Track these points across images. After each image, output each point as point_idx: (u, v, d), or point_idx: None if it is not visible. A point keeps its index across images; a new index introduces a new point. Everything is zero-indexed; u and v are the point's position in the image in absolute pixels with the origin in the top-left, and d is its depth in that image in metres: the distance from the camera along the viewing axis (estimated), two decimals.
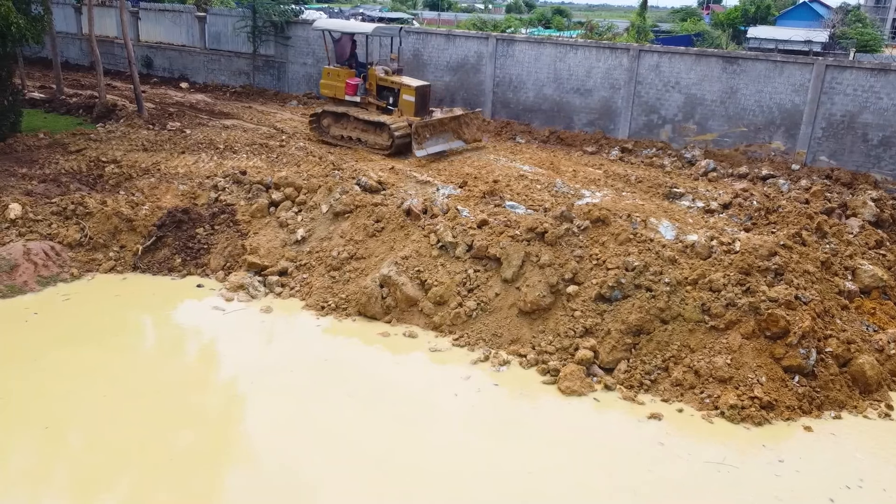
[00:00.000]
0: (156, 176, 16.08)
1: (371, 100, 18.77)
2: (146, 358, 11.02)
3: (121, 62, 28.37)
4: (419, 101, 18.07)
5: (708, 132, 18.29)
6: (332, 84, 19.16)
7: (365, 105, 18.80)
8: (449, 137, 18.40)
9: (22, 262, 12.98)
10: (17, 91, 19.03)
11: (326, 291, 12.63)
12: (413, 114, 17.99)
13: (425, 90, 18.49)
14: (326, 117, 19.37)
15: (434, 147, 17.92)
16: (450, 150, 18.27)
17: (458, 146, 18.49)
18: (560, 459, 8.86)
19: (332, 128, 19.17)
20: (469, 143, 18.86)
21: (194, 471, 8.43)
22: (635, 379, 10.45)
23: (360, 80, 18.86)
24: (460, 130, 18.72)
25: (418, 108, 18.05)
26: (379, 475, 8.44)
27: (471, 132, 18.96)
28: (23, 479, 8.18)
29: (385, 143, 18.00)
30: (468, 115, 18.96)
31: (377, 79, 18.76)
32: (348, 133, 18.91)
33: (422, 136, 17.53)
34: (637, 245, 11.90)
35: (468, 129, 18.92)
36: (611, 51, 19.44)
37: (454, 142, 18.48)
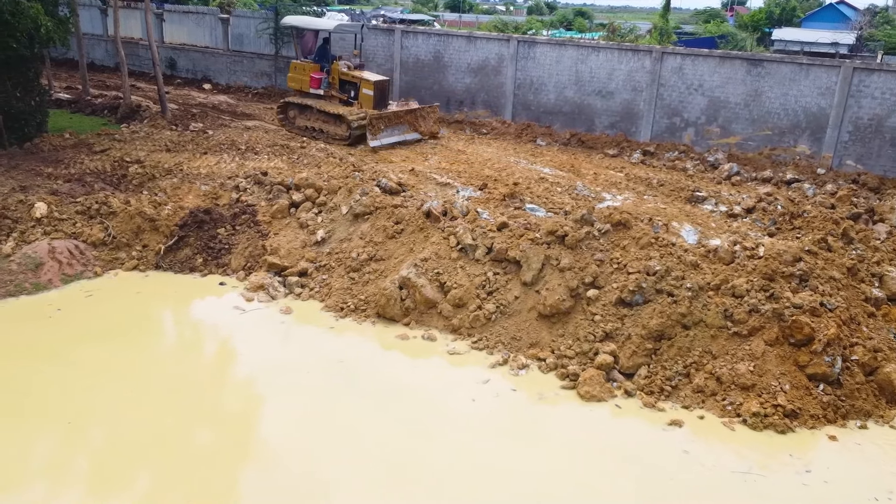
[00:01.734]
0: (178, 176, 16.21)
1: (334, 93, 19.81)
2: (166, 355, 11.11)
3: (145, 63, 28.69)
4: (378, 94, 19.01)
5: (731, 135, 18.07)
6: (298, 77, 20.16)
7: (328, 98, 19.82)
8: (405, 129, 19.33)
9: (47, 260, 13.16)
10: (43, 92, 19.29)
11: (346, 293, 12.65)
12: (372, 107, 18.92)
13: (384, 84, 19.43)
14: (292, 109, 20.46)
15: (388, 138, 18.85)
16: (404, 141, 19.22)
17: (413, 138, 19.38)
18: (580, 465, 8.79)
19: (298, 119, 20.28)
20: (425, 135, 19.74)
21: (212, 468, 8.47)
22: (656, 385, 10.33)
23: (324, 74, 19.88)
24: (416, 123, 19.62)
25: (377, 102, 19.03)
26: (396, 477, 8.43)
27: (427, 125, 19.81)
28: (45, 473, 8.28)
29: (344, 134, 18.96)
30: (424, 109, 19.87)
31: (339, 73, 19.71)
32: (311, 124, 19.81)
33: (376, 127, 18.51)
34: (659, 249, 11.78)
35: (424, 122, 19.78)
36: (633, 53, 19.29)
37: (409, 134, 19.40)
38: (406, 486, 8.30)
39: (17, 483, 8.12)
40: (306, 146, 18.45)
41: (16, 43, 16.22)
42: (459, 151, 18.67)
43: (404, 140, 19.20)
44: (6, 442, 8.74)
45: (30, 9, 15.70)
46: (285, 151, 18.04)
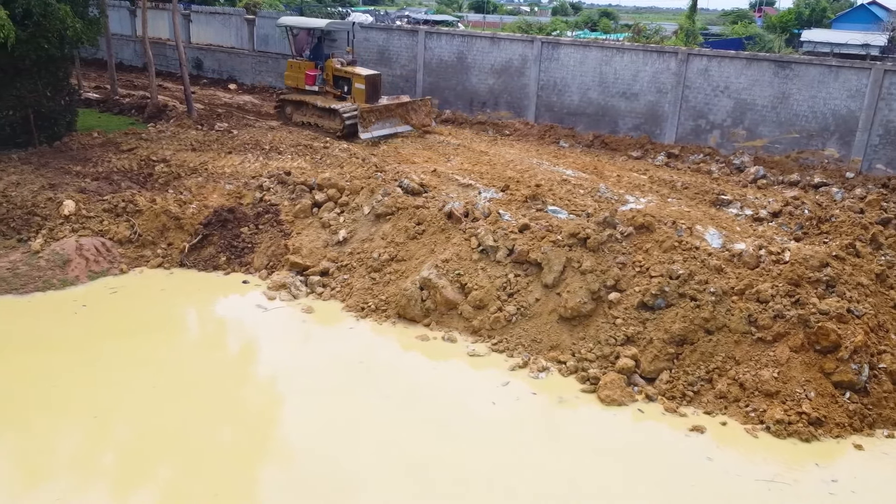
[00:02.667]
0: (203, 175, 16.39)
1: (328, 89, 20.59)
2: (189, 352, 11.25)
3: (172, 64, 29.04)
4: (369, 88, 19.67)
5: (758, 138, 17.83)
6: (294, 75, 21.06)
7: (323, 93, 20.62)
8: (396, 122, 20.01)
9: (74, 257, 13.40)
10: (73, 91, 19.64)
11: (367, 293, 12.70)
12: (364, 101, 19.63)
13: (375, 79, 20.05)
14: (289, 105, 21.23)
15: (380, 131, 19.51)
16: (395, 133, 19.84)
17: (404, 130, 20.04)
18: (601, 470, 8.73)
19: (294, 115, 21.03)
20: (417, 127, 20.28)
21: (233, 465, 8.55)
22: (678, 390, 10.22)
23: (319, 71, 20.66)
24: (408, 116, 20.26)
25: (369, 96, 19.73)
26: (416, 478, 8.44)
27: (419, 118, 20.40)
28: (71, 465, 8.42)
29: (338, 127, 19.49)
30: (415, 102, 20.54)
31: (333, 69, 20.50)
32: (307, 119, 20.53)
33: (367, 120, 19.25)
34: (682, 253, 11.66)
35: (416, 115, 20.40)
36: (658, 54, 19.11)
37: (401, 126, 20.05)
38: (427, 487, 8.30)
39: (45, 475, 8.26)
40: (329, 146, 18.54)
41: (47, 44, 16.53)
42: (482, 153, 18.64)
43: (396, 132, 19.87)
44: (33, 434, 8.91)
45: (59, 10, 15.98)
46: (308, 151, 18.15)
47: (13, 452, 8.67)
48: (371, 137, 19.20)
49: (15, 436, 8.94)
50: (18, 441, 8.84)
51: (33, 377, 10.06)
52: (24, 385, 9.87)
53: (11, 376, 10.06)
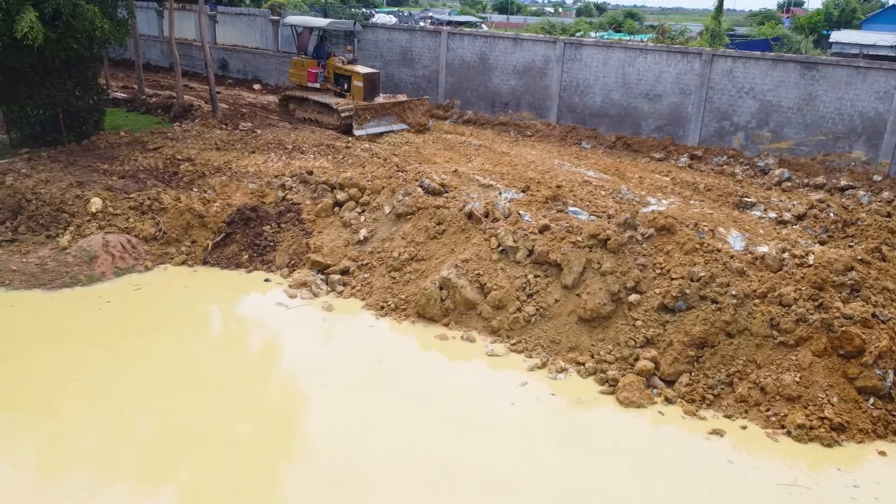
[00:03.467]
0: (227, 174, 16.59)
1: (329, 86, 21.35)
2: (212, 349, 11.40)
3: (198, 64, 29.41)
4: (367, 86, 20.32)
5: (783, 140, 17.62)
6: (297, 72, 21.89)
7: (324, 90, 21.37)
8: (392, 120, 20.60)
9: (101, 253, 13.64)
10: (101, 91, 19.98)
11: (386, 292, 12.77)
12: (362, 98, 20.28)
13: (373, 77, 20.70)
14: (292, 102, 21.90)
15: (375, 128, 20.12)
16: (391, 130, 20.37)
17: (399, 128, 20.57)
18: (620, 471, 8.69)
19: (297, 111, 21.66)
20: (413, 126, 20.76)
21: (254, 460, 8.65)
22: (697, 393, 10.15)
23: (321, 68, 21.40)
24: (404, 115, 20.83)
25: (367, 93, 20.38)
26: (435, 477, 8.47)
27: (415, 117, 20.95)
28: (95, 458, 8.58)
29: (336, 123, 20.17)
30: (412, 101, 21.09)
31: (334, 67, 21.17)
32: (308, 115, 21.23)
33: (362, 117, 19.89)
34: (703, 255, 11.57)
35: (412, 113, 20.94)
36: (682, 55, 18.97)
37: (397, 124, 20.62)
38: (445, 487, 8.33)
39: (70, 466, 8.44)
40: (351, 146, 18.66)
41: (76, 44, 16.84)
42: (503, 153, 18.65)
43: (391, 130, 20.42)
44: (59, 427, 9.10)
45: (88, 11, 16.28)
46: (330, 151, 18.29)
47: (40, 444, 8.86)
48: (365, 134, 19.79)
49: (42, 428, 9.13)
50: (45, 433, 9.03)
51: (59, 371, 10.27)
52: (50, 379, 10.08)
53: (38, 370, 10.28)
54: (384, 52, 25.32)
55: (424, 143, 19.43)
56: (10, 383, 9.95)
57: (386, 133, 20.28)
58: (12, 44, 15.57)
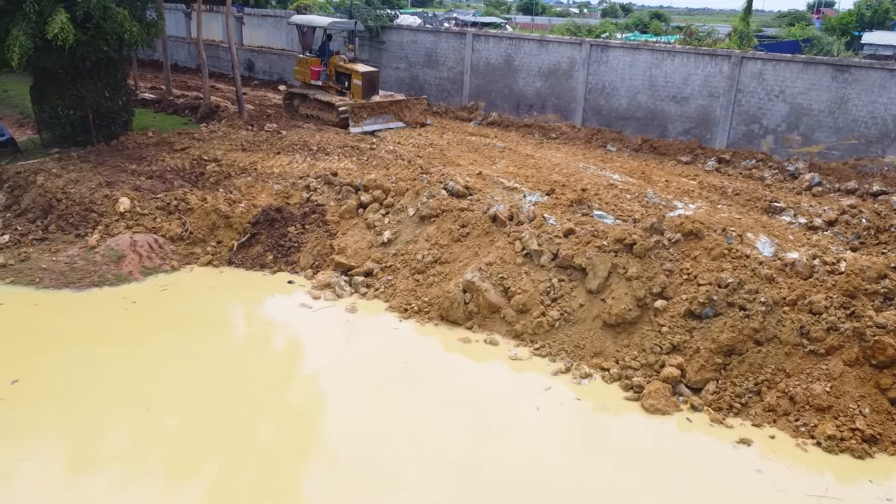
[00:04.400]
0: (252, 175, 16.70)
1: (331, 84, 21.93)
2: (236, 350, 11.46)
3: (225, 65, 29.69)
4: (366, 84, 20.90)
5: (814, 144, 17.31)
6: (302, 70, 22.51)
7: (326, 88, 21.97)
8: (389, 118, 21.24)
9: (128, 253, 13.80)
10: (130, 92, 20.25)
11: (410, 294, 12.75)
12: (361, 96, 20.87)
13: (372, 75, 21.28)
14: (296, 99, 22.46)
15: (371, 126, 20.68)
16: (387, 128, 20.94)
17: (396, 126, 21.14)
18: (646, 479, 8.58)
19: (300, 108, 22.25)
20: (410, 124, 21.37)
21: (277, 460, 8.69)
22: (724, 401, 9.99)
23: (323, 67, 22.00)
24: (401, 113, 21.47)
25: (366, 91, 20.98)
26: (458, 480, 8.43)
27: (412, 115, 21.59)
28: (122, 456, 8.67)
29: (335, 120, 20.81)
30: (409, 101, 21.77)
31: (336, 66, 21.75)
32: (310, 112, 21.79)
33: (359, 115, 20.56)
34: (732, 261, 11.39)
35: (410, 112, 21.58)
36: (710, 57, 18.73)
37: (393, 122, 21.23)
38: (468, 490, 8.28)
39: (98, 464, 8.53)
40: (376, 148, 18.69)
41: (106, 46, 17.08)
42: (527, 156, 18.56)
43: (388, 127, 20.96)
44: (87, 425, 9.20)
45: (118, 14, 16.50)
46: (355, 153, 18.33)
47: (68, 442, 8.97)
48: (361, 132, 20.38)
49: (70, 427, 9.24)
50: (73, 432, 9.14)
51: (87, 371, 10.39)
52: (78, 378, 10.20)
53: (67, 369, 10.42)
54: (409, 53, 25.35)
55: (448, 146, 19.40)
56: (40, 382, 10.09)
57: (383, 130, 20.85)
58: (44, 45, 15.83)
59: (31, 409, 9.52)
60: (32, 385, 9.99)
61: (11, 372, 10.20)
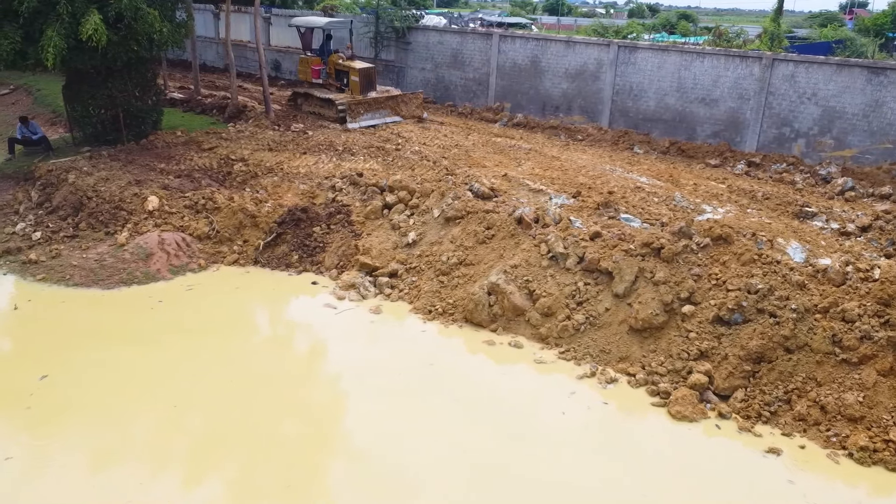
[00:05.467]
0: (279, 175, 16.80)
1: (331, 81, 22.63)
2: (261, 350, 11.52)
3: (252, 65, 29.93)
4: (363, 81, 21.46)
5: (847, 148, 16.97)
6: (304, 70, 23.29)
7: (326, 86, 22.67)
8: (386, 113, 21.86)
9: (157, 251, 13.95)
10: (159, 92, 20.49)
11: (434, 296, 12.73)
12: (359, 92, 21.47)
13: (369, 72, 21.84)
14: (300, 97, 23.26)
15: (368, 121, 21.28)
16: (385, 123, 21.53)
17: (393, 121, 21.76)
18: (674, 485, 8.45)
19: (304, 105, 22.98)
20: (407, 118, 22.01)
21: (302, 459, 8.71)
22: (753, 409, 9.81)
23: (323, 65, 22.78)
24: (398, 108, 22.07)
25: (363, 87, 21.56)
26: (482, 483, 8.39)
27: (409, 109, 22.20)
28: (148, 454, 8.75)
29: (335, 116, 21.42)
30: (405, 95, 22.45)
31: (335, 64, 22.41)
32: (312, 109, 22.48)
33: (355, 111, 21.17)
34: (762, 266, 11.19)
35: (406, 106, 22.18)
36: (741, 59, 18.45)
37: (390, 117, 21.83)
38: (492, 493, 8.23)
39: (124, 461, 8.62)
40: (401, 148, 18.69)
41: (136, 46, 17.29)
42: (553, 158, 18.43)
43: (385, 122, 21.55)
44: (113, 423, 9.30)
45: (149, 14, 16.69)
46: (380, 153, 18.35)
47: (94, 438, 9.07)
48: (358, 127, 20.95)
49: (96, 422, 9.35)
50: (99, 427, 9.25)
51: (113, 368, 10.51)
52: (105, 376, 10.33)
53: (94, 367, 10.55)
54: (435, 54, 25.34)
55: (474, 147, 19.34)
56: (67, 379, 10.23)
57: (380, 125, 21.34)
58: (77, 45, 16.06)
59: (58, 404, 9.64)
60: (60, 381, 10.12)
61: (40, 368, 10.35)
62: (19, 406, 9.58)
